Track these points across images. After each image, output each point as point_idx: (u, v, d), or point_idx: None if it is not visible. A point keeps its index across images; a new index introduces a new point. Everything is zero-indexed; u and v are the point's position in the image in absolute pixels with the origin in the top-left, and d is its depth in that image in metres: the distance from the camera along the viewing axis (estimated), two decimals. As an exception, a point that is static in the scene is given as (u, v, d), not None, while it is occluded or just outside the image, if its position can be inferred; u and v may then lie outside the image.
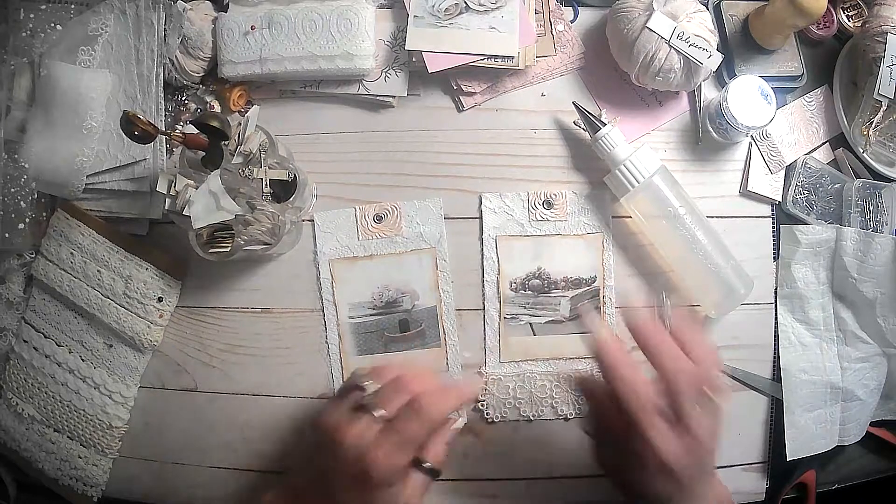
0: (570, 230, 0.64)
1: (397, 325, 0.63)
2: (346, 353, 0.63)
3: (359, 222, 0.64)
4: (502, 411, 0.63)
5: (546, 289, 0.63)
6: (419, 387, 0.49)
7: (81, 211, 0.63)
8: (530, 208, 0.64)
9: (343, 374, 0.63)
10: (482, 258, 0.63)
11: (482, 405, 0.63)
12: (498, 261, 0.63)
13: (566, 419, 0.63)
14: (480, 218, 0.64)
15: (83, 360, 0.63)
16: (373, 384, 0.49)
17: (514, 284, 0.63)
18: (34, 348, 0.63)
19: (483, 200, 0.64)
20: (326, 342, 0.63)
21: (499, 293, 0.63)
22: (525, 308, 0.63)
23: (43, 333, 0.63)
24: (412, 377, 0.49)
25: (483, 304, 0.63)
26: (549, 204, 0.64)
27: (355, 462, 0.46)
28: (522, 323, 0.63)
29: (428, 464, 0.50)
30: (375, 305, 0.63)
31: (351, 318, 0.63)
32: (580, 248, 0.64)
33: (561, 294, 0.63)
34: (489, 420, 0.62)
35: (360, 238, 0.64)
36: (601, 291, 0.63)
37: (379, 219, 0.64)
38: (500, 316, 0.63)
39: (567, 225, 0.64)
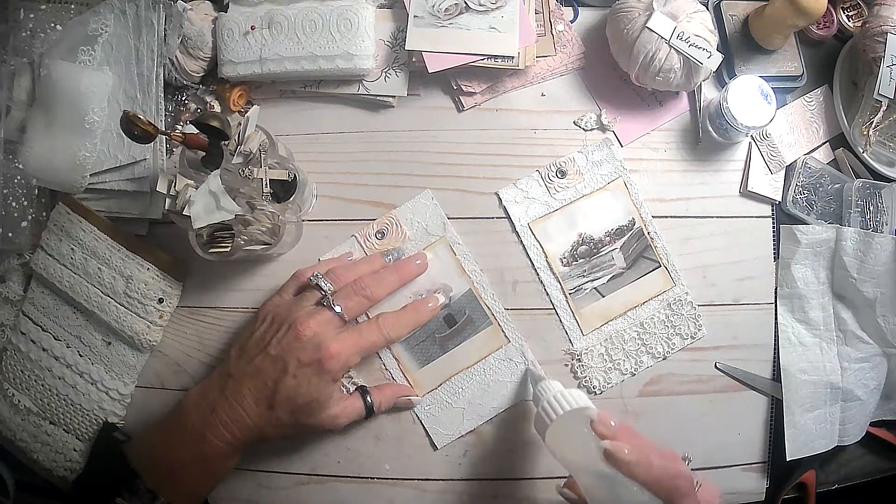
0: (591, 188, 0.65)
1: (443, 322, 0.63)
2: (409, 371, 0.62)
3: (364, 248, 0.64)
4: (606, 379, 0.63)
5: (595, 250, 0.64)
6: (378, 293, 0.57)
7: (83, 206, 0.63)
8: (546, 184, 0.64)
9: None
10: (524, 248, 0.64)
11: (586, 381, 0.63)
12: (540, 244, 0.64)
13: (665, 358, 0.63)
14: (506, 214, 0.64)
15: (81, 356, 0.63)
16: (331, 285, 0.56)
17: (564, 259, 0.64)
18: (31, 341, 0.63)
19: (501, 195, 0.64)
20: (386, 368, 0.62)
21: (554, 274, 0.63)
22: (584, 276, 0.64)
23: (41, 326, 0.63)
24: (372, 281, 0.57)
25: (545, 290, 0.63)
26: (562, 173, 0.65)
27: (314, 351, 0.53)
28: (588, 291, 0.64)
29: (370, 399, 0.58)
30: None
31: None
32: (608, 200, 0.65)
33: (610, 249, 0.64)
34: (598, 392, 0.63)
35: None
36: (644, 230, 0.64)
37: (381, 235, 0.64)
38: (564, 294, 0.63)
39: (586, 184, 0.65)
